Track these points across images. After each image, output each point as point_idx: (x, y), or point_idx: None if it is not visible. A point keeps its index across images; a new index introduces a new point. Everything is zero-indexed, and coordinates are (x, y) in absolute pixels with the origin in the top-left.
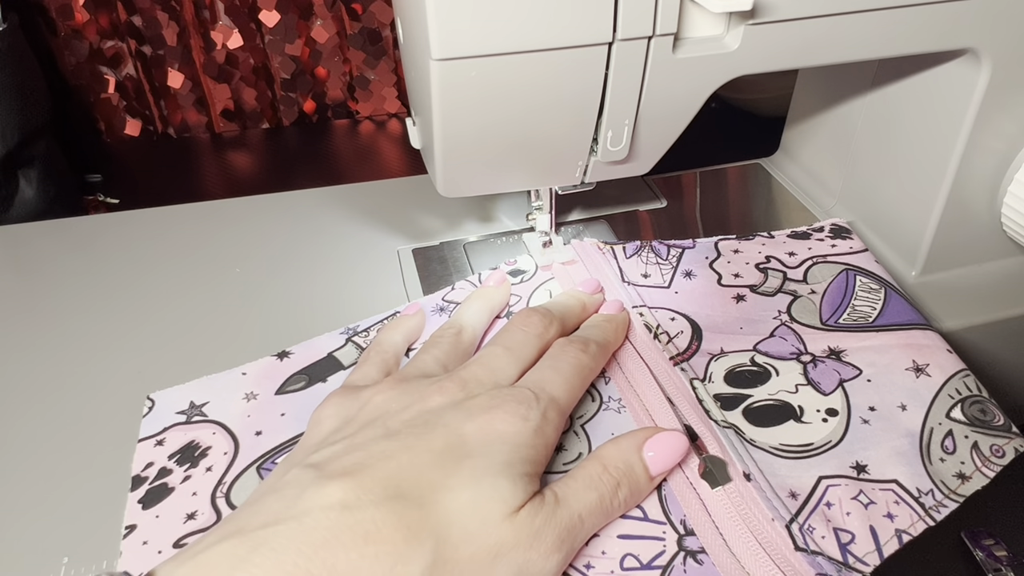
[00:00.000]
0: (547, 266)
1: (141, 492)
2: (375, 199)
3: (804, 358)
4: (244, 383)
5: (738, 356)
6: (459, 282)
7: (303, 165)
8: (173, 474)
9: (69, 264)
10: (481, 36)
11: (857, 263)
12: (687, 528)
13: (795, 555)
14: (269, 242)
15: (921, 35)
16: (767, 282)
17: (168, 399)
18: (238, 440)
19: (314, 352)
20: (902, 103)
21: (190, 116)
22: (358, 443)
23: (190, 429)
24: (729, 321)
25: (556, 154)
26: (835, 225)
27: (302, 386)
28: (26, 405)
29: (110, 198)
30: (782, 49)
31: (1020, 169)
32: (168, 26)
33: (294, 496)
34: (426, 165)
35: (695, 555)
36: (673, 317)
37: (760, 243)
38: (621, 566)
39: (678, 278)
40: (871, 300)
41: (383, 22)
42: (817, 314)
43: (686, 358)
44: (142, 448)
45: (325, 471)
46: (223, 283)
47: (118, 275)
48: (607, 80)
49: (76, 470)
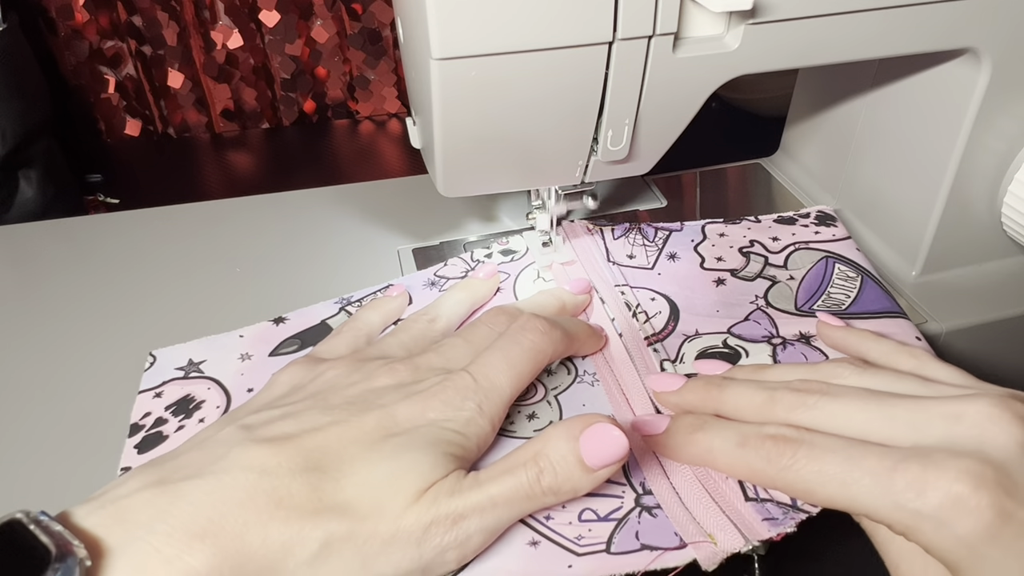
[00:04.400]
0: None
1: (138, 439)
2: (375, 199)
3: (775, 341)
4: (240, 344)
5: (712, 338)
6: (452, 259)
7: (303, 165)
8: (168, 424)
9: (69, 264)
10: (481, 35)
11: (838, 251)
12: (645, 489)
13: (745, 505)
14: (269, 242)
15: (921, 35)
16: (748, 266)
17: (168, 356)
18: (230, 395)
19: (308, 319)
20: (902, 103)
21: (190, 116)
22: (294, 412)
23: (187, 384)
24: (707, 304)
25: (556, 154)
26: (821, 212)
27: (294, 349)
28: (26, 405)
29: (110, 198)
30: (782, 49)
31: (1020, 169)
32: (168, 26)
33: (220, 454)
34: (426, 165)
35: (650, 510)
36: (653, 297)
37: (746, 227)
38: (579, 518)
39: (662, 260)
40: (846, 288)
41: (383, 22)
42: (793, 300)
43: (661, 339)
44: (141, 399)
45: (254, 434)
46: (223, 283)
47: (118, 275)
48: (607, 80)
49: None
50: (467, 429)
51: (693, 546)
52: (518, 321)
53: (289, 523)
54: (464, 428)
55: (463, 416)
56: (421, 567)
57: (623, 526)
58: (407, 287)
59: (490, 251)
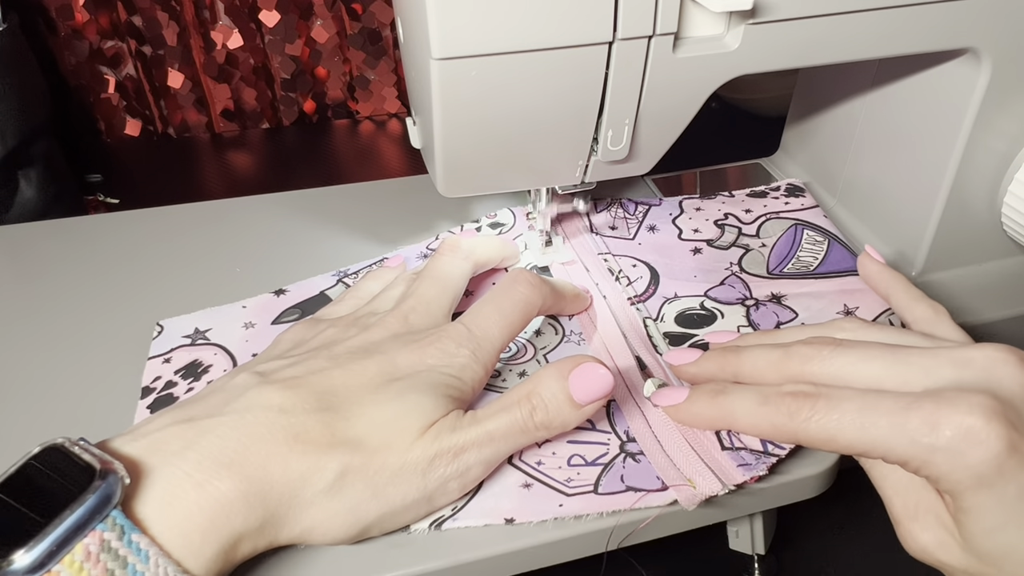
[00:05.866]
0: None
1: (149, 400)
2: (375, 199)
3: (748, 302)
4: (244, 314)
5: (690, 300)
6: (442, 233)
7: (303, 165)
8: (178, 386)
9: (69, 264)
10: (481, 35)
11: (806, 218)
12: (629, 436)
13: (722, 454)
14: (269, 242)
15: (921, 35)
16: (723, 237)
17: (175, 325)
18: (236, 360)
19: (308, 290)
20: (902, 103)
21: (190, 116)
22: (301, 360)
23: (194, 350)
24: (685, 270)
25: (556, 154)
26: (790, 184)
27: (295, 318)
28: (26, 405)
29: (110, 198)
30: (782, 49)
31: (1020, 169)
32: (168, 26)
33: (238, 395)
34: (426, 165)
35: (634, 456)
36: (635, 264)
37: (721, 201)
38: (568, 463)
39: (643, 231)
40: (814, 251)
41: (383, 22)
42: (765, 265)
43: (642, 300)
44: (151, 365)
45: (269, 379)
46: (223, 283)
47: (118, 275)
48: (607, 79)
49: None
50: (463, 374)
51: (674, 488)
52: (509, 274)
53: (307, 455)
54: (460, 373)
55: (458, 362)
56: (426, 495)
57: (609, 470)
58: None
59: (479, 224)
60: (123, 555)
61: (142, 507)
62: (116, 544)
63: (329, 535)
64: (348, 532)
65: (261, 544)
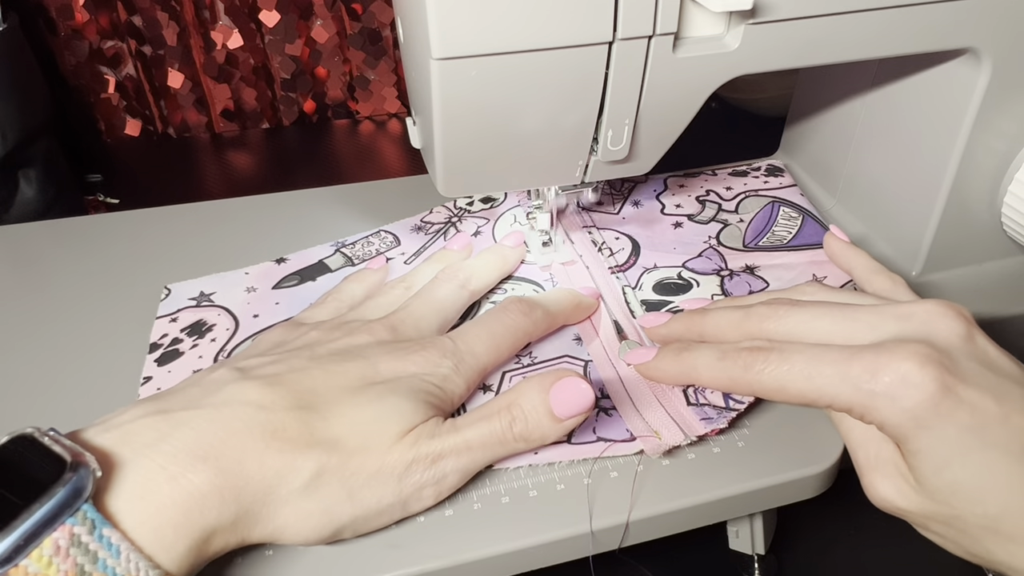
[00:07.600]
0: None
1: (157, 354)
2: (375, 199)
3: (723, 273)
4: (246, 280)
5: (668, 270)
6: (436, 207)
7: (303, 165)
8: (184, 343)
9: (69, 264)
10: (481, 35)
11: (783, 196)
12: (604, 393)
13: (687, 409)
14: (269, 242)
15: (921, 35)
16: (703, 212)
17: (182, 289)
18: (238, 320)
19: (307, 258)
20: (902, 103)
21: (190, 116)
22: (282, 359)
23: (199, 311)
24: (665, 242)
25: (556, 154)
26: (771, 165)
27: (295, 283)
28: (26, 405)
29: (110, 198)
30: (782, 49)
31: (1020, 169)
32: (168, 26)
33: (216, 389)
34: (426, 165)
35: (607, 411)
36: (618, 236)
37: (703, 179)
38: None
39: (627, 206)
40: (789, 227)
41: (383, 22)
42: (741, 239)
43: (623, 269)
44: (159, 323)
45: (248, 374)
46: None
47: (118, 275)
48: (607, 79)
49: None
50: (444, 384)
51: (641, 439)
52: (504, 301)
53: (283, 453)
54: (442, 383)
55: (441, 372)
56: (401, 501)
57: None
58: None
59: (471, 199)
60: (93, 550)
61: (114, 500)
62: (87, 539)
63: (301, 535)
64: (320, 533)
65: (233, 541)
